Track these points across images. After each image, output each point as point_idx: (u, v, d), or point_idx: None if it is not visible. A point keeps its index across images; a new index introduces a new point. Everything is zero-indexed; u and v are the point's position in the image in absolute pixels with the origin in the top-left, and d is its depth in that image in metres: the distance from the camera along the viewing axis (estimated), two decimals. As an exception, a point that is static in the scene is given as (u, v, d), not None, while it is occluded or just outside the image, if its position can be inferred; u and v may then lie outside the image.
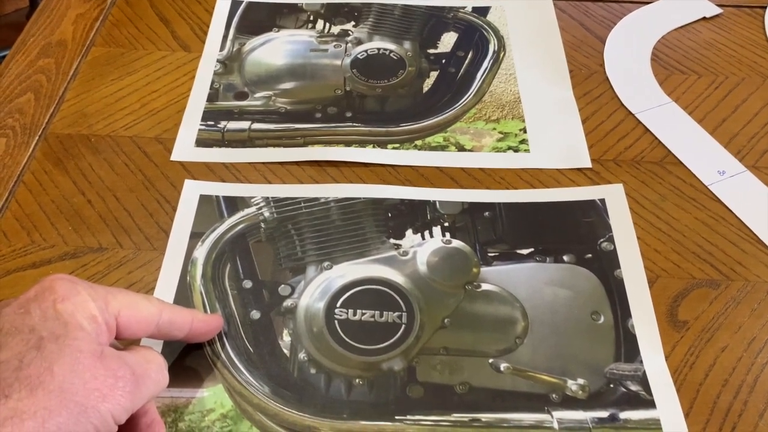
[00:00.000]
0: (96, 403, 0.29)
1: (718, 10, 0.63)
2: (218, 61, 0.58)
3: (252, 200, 0.49)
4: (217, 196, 0.49)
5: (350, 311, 0.43)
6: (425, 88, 0.56)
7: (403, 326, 0.42)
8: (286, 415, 0.39)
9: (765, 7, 0.63)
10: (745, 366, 0.40)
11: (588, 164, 0.51)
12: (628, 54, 0.59)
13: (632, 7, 0.63)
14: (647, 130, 0.53)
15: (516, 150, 0.52)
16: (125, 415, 0.31)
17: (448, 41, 0.60)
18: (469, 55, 0.59)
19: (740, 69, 0.58)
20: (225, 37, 0.60)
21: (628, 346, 0.41)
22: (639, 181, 0.50)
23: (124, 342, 0.37)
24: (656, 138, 0.53)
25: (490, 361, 0.41)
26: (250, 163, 0.51)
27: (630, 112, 0.54)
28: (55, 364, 0.29)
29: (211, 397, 0.40)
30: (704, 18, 0.62)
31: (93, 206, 0.49)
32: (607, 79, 0.57)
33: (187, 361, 0.41)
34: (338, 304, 0.43)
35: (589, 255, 0.45)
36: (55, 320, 0.31)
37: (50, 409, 0.28)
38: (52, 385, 0.28)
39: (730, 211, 0.48)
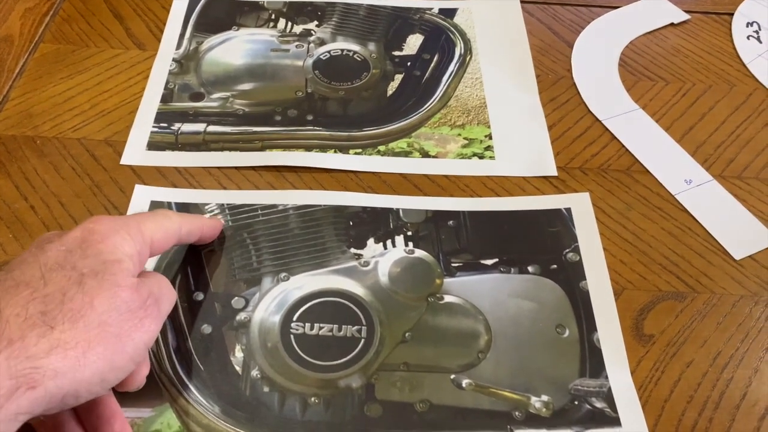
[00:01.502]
0: (131, 332, 0.32)
1: (686, 17, 0.62)
2: (174, 60, 0.56)
3: (206, 207, 0.46)
4: (169, 203, 0.46)
5: (307, 325, 0.41)
6: (389, 92, 0.55)
7: (363, 341, 0.41)
8: (237, 437, 0.37)
9: (732, 14, 0.63)
10: (711, 382, 0.40)
11: (554, 172, 0.50)
12: (595, 59, 0.58)
13: (601, 11, 0.63)
14: (614, 137, 0.52)
15: (481, 157, 0.50)
16: (154, 339, 0.34)
17: (413, 43, 0.58)
18: (435, 58, 0.57)
19: (707, 76, 0.57)
20: (182, 35, 0.58)
21: (593, 361, 0.40)
22: (605, 190, 0.49)
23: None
24: (623, 146, 0.52)
25: (452, 377, 0.40)
26: (204, 167, 0.49)
27: (597, 119, 0.53)
28: (96, 298, 0.31)
29: (157, 417, 0.38)
30: (672, 24, 0.62)
31: (36, 212, 0.46)
32: (575, 84, 0.56)
33: (133, 378, 0.39)
34: (295, 318, 0.41)
35: (555, 266, 0.44)
36: (95, 257, 0.32)
37: (90, 341, 0.30)
38: (92, 317, 0.30)
39: (697, 221, 0.47)
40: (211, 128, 0.51)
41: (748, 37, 0.61)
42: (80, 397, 0.30)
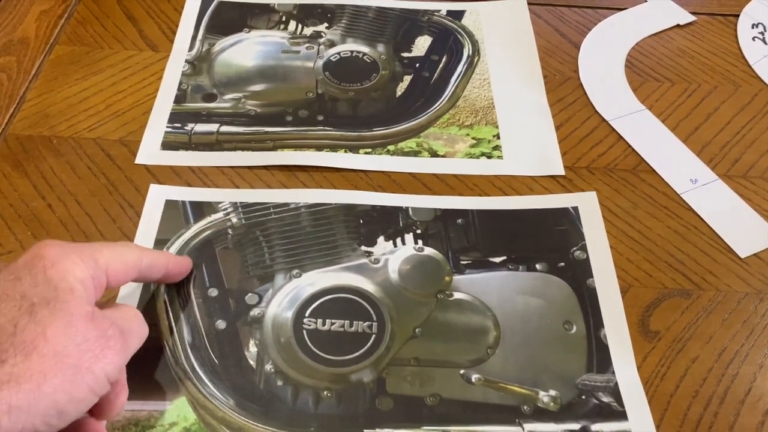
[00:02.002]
0: (90, 363, 0.30)
1: (692, 18, 0.63)
2: (187, 61, 0.57)
3: (219, 205, 0.47)
4: (183, 201, 0.47)
5: (319, 321, 0.42)
6: (398, 92, 0.56)
7: (374, 336, 0.41)
8: (251, 429, 0.38)
9: (737, 16, 0.63)
10: (716, 377, 0.40)
11: (561, 171, 0.50)
12: (602, 60, 0.59)
13: (607, 13, 0.63)
14: (621, 137, 0.53)
15: (489, 156, 0.51)
16: (117, 372, 0.32)
17: (422, 45, 0.59)
18: (443, 59, 0.58)
19: (713, 77, 0.58)
20: (194, 37, 0.59)
21: (600, 357, 0.41)
22: (612, 189, 0.49)
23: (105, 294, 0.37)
24: (629, 145, 0.52)
25: (462, 372, 0.40)
26: (217, 167, 0.50)
27: (604, 119, 0.54)
28: (48, 328, 0.30)
29: (173, 410, 0.38)
30: (678, 25, 0.62)
31: (53, 211, 0.47)
32: (581, 85, 0.57)
33: (150, 372, 0.39)
34: (307, 314, 0.42)
35: (562, 264, 0.45)
36: (45, 285, 0.31)
37: (45, 373, 0.29)
38: (46, 349, 0.29)
39: (702, 219, 0.48)
40: (224, 128, 0.52)
41: (753, 39, 0.61)
42: (38, 431, 0.29)
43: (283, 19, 0.61)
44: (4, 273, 0.32)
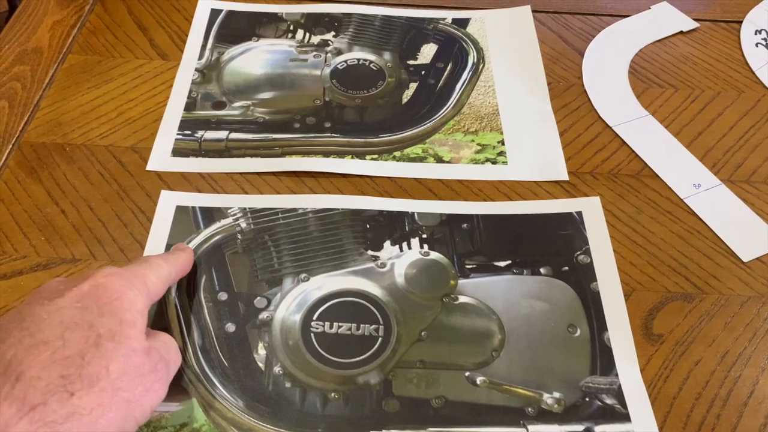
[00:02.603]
0: (140, 396, 0.32)
1: (695, 25, 0.63)
2: (196, 69, 0.58)
3: (229, 211, 0.48)
4: (193, 207, 0.48)
5: (327, 324, 0.43)
6: (404, 99, 0.56)
7: (380, 339, 0.42)
8: (260, 430, 0.39)
9: (741, 22, 0.64)
10: (719, 380, 0.41)
11: (565, 177, 0.51)
12: (606, 67, 0.60)
13: (610, 20, 0.64)
14: (624, 143, 0.53)
15: (494, 162, 0.52)
16: (159, 402, 0.34)
17: (427, 52, 0.60)
18: (449, 67, 0.59)
19: (716, 83, 0.58)
20: (204, 45, 0.60)
21: (603, 360, 0.42)
22: (616, 194, 0.50)
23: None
24: (633, 151, 0.53)
25: (467, 374, 0.41)
26: (227, 173, 0.51)
27: (607, 125, 0.55)
28: (111, 363, 0.31)
29: (184, 411, 0.39)
30: (681, 32, 0.63)
31: (66, 216, 0.48)
32: (585, 91, 0.57)
33: (161, 374, 0.40)
34: (315, 317, 0.43)
35: (566, 268, 0.46)
36: (111, 316, 0.33)
37: (104, 406, 0.30)
38: (107, 382, 0.31)
39: (705, 224, 0.48)
40: (233, 135, 0.53)
41: (756, 45, 0.62)
42: None
43: (291, 27, 0.62)
44: (70, 297, 0.33)
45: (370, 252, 0.46)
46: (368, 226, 0.48)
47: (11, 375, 0.29)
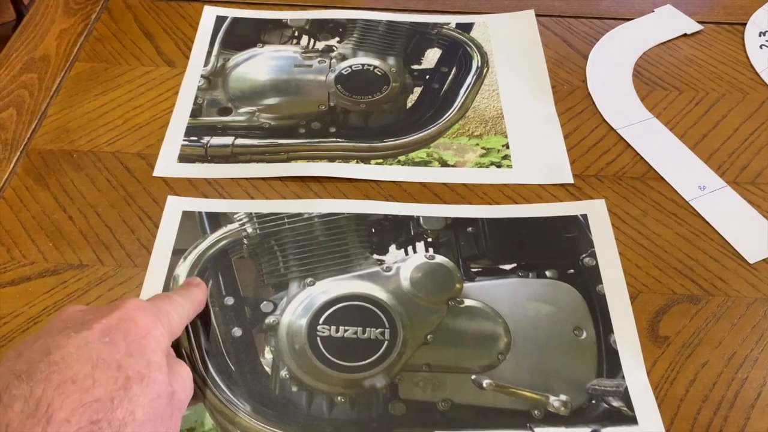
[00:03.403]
0: None
1: (699, 27, 0.63)
2: (202, 76, 0.58)
3: (235, 216, 0.48)
4: (199, 212, 0.49)
5: (333, 328, 0.43)
6: (409, 104, 0.57)
7: (386, 343, 0.42)
8: (267, 434, 0.39)
9: (744, 24, 0.64)
10: (725, 381, 0.41)
11: (570, 180, 0.51)
12: (610, 70, 0.60)
13: (614, 23, 0.64)
14: (629, 145, 0.54)
15: (499, 166, 0.52)
16: None
17: (432, 57, 0.60)
18: (453, 71, 0.59)
19: (720, 85, 0.58)
20: (209, 52, 0.61)
21: (610, 362, 0.42)
22: (621, 197, 0.50)
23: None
24: (638, 153, 0.53)
25: (473, 377, 0.41)
26: (233, 178, 0.51)
27: (612, 128, 0.55)
28: (138, 408, 0.31)
29: (191, 415, 0.39)
30: (685, 34, 0.63)
31: (74, 222, 0.48)
32: (590, 94, 0.57)
33: (168, 379, 0.40)
34: (321, 321, 0.43)
35: (572, 270, 0.46)
36: (139, 357, 0.32)
37: None
38: (133, 427, 0.30)
39: (711, 226, 0.48)
40: (239, 141, 0.53)
41: (760, 46, 0.62)
42: None
43: (296, 34, 0.62)
44: (97, 330, 0.32)
45: (375, 256, 0.47)
46: (374, 230, 0.48)
47: (41, 417, 0.28)
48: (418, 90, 0.58)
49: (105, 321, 0.33)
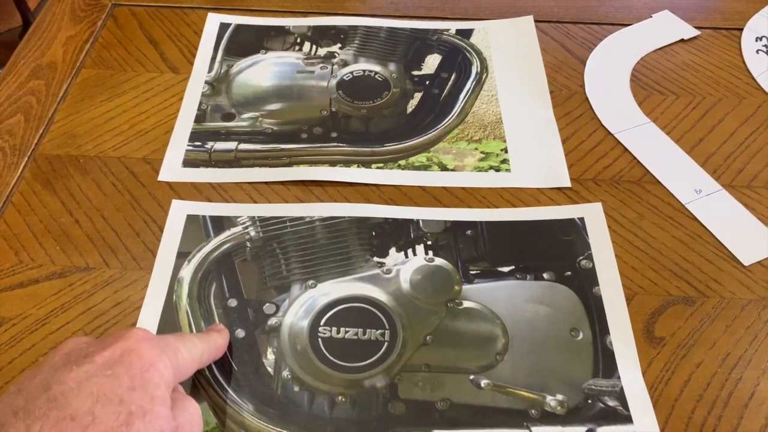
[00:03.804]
0: None
1: (696, 32, 0.64)
2: (206, 82, 0.59)
3: (238, 220, 0.49)
4: (203, 216, 0.50)
5: (334, 329, 0.44)
6: (409, 109, 0.58)
7: (386, 344, 0.43)
8: (269, 433, 0.40)
9: (741, 30, 0.65)
10: (719, 382, 0.41)
11: (567, 183, 0.52)
12: (607, 75, 0.61)
13: (612, 29, 0.65)
14: (626, 149, 0.54)
15: (497, 170, 0.53)
16: None
17: (432, 63, 0.61)
18: (453, 77, 0.60)
19: (717, 90, 0.59)
20: (213, 58, 0.62)
21: (606, 362, 0.42)
22: (617, 200, 0.51)
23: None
24: (635, 157, 0.54)
25: (471, 377, 0.42)
26: (236, 183, 0.52)
27: (609, 132, 0.56)
28: None
29: (195, 415, 0.40)
30: (682, 40, 0.64)
31: (80, 226, 0.49)
32: (587, 99, 0.58)
33: (172, 379, 0.41)
34: (322, 323, 0.44)
35: (569, 273, 0.46)
36: (142, 391, 0.31)
37: None
38: None
39: (707, 229, 0.49)
40: (242, 146, 0.54)
41: (757, 51, 0.62)
42: None
43: (298, 40, 0.63)
44: (99, 364, 0.31)
45: (375, 259, 0.47)
46: (374, 234, 0.49)
47: None
48: (418, 95, 0.59)
49: (108, 353, 0.32)
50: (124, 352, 0.32)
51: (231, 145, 0.55)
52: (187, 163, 0.53)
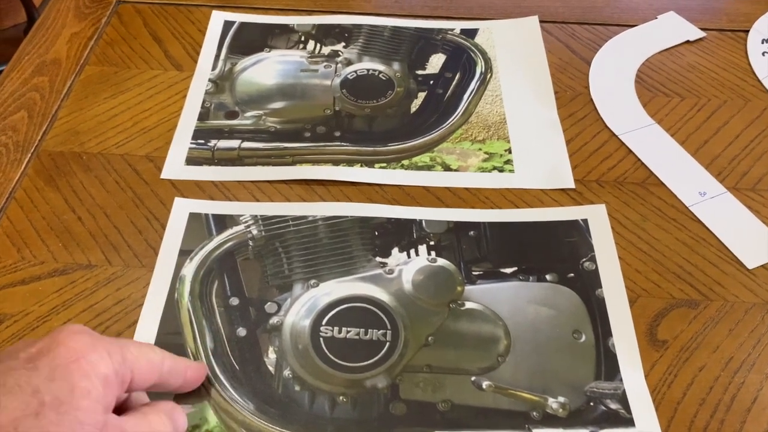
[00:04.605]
0: None
1: (702, 34, 0.64)
2: (210, 80, 0.59)
3: (240, 218, 0.49)
4: (206, 214, 0.50)
5: (335, 329, 0.44)
6: (413, 109, 0.57)
7: (388, 344, 0.43)
8: (270, 432, 0.40)
9: (747, 32, 0.64)
10: (722, 385, 0.41)
11: (571, 185, 0.52)
12: (612, 76, 0.60)
13: (617, 30, 0.65)
14: (630, 151, 0.54)
15: (501, 170, 0.53)
16: None
17: (436, 63, 0.61)
18: (457, 77, 0.60)
19: (722, 92, 0.59)
20: (217, 56, 0.61)
21: (608, 365, 0.42)
22: (621, 202, 0.51)
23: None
24: (639, 159, 0.53)
25: (473, 378, 0.42)
26: (239, 181, 0.52)
27: (614, 134, 0.55)
28: None
29: (196, 413, 0.40)
30: (688, 41, 0.63)
31: (83, 223, 0.49)
32: (592, 100, 0.58)
33: (173, 377, 0.41)
34: (324, 322, 0.44)
35: (572, 274, 0.46)
36: (62, 381, 0.29)
37: None
38: None
39: (711, 232, 0.49)
40: (245, 144, 0.54)
41: (763, 54, 0.62)
42: None
43: (302, 39, 0.63)
44: (22, 359, 0.30)
45: (378, 258, 0.47)
46: (377, 233, 0.49)
47: None
48: (422, 95, 0.58)
49: (35, 349, 0.30)
50: (51, 345, 0.30)
51: (234, 143, 0.54)
52: (190, 161, 0.53)
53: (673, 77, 0.60)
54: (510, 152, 0.54)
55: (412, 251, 0.48)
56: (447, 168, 0.53)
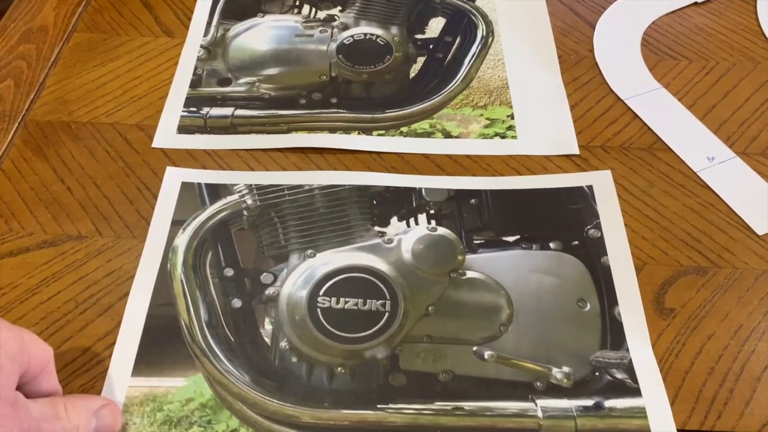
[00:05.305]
0: None
1: (710, -5, 0.62)
2: (202, 46, 0.57)
3: (234, 187, 0.48)
4: (199, 184, 0.48)
5: (333, 299, 0.42)
6: (412, 74, 0.56)
7: (387, 314, 0.42)
8: (266, 405, 0.38)
9: (757, -8, 0.62)
10: (732, 354, 0.40)
11: (576, 151, 0.50)
12: (617, 39, 0.58)
13: (623, -8, 0.63)
14: (636, 116, 0.52)
15: (503, 137, 0.51)
16: None
17: (435, 26, 0.59)
18: (457, 41, 0.58)
19: (731, 54, 0.57)
20: (209, 22, 0.59)
21: (614, 334, 0.41)
22: (627, 168, 0.49)
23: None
24: (645, 124, 0.52)
25: (474, 349, 0.41)
26: (232, 149, 0.50)
27: (619, 98, 0.54)
28: None
29: (190, 386, 0.39)
30: (695, 3, 0.61)
31: (72, 194, 0.48)
32: (597, 64, 0.56)
33: (166, 349, 0.40)
34: (321, 293, 0.43)
35: (576, 242, 0.45)
36: None
37: None
38: None
39: (719, 197, 0.47)
40: (239, 112, 0.53)
41: (773, 15, 0.60)
42: None
43: (297, 3, 0.61)
44: None
45: (377, 228, 0.46)
46: (375, 202, 0.47)
47: None
48: (421, 60, 0.57)
49: None
50: None
51: (227, 110, 0.53)
52: (182, 129, 0.52)
53: (680, 40, 0.58)
54: (512, 118, 0.52)
55: (412, 220, 0.46)
56: (447, 135, 0.51)
